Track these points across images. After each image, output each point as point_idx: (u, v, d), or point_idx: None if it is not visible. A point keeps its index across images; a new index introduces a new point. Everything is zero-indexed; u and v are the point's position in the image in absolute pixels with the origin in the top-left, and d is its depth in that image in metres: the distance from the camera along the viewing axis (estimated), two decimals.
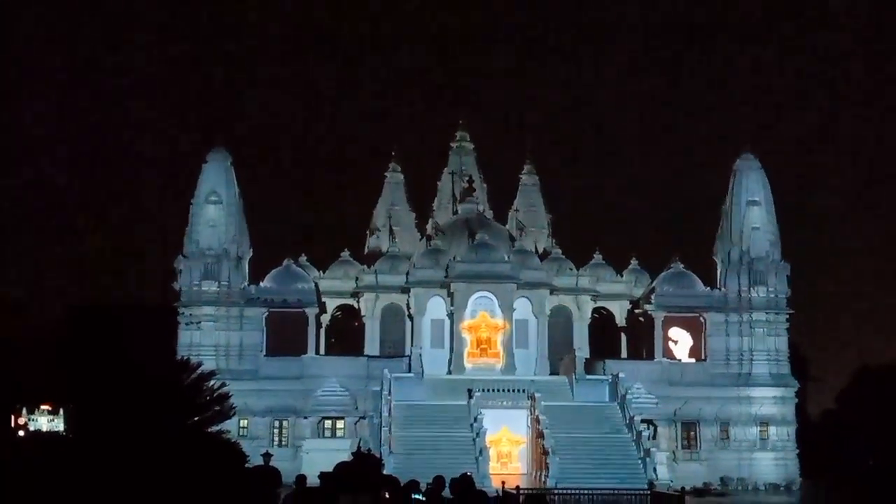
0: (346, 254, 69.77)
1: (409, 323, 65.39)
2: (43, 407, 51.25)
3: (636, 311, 67.80)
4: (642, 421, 55.77)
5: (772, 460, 62.66)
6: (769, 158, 68.89)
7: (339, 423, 60.93)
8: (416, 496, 21.04)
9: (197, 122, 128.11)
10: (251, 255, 65.24)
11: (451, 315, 64.18)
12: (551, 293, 65.94)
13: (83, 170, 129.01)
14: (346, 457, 34.39)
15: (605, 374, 60.32)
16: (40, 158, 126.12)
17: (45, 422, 52.10)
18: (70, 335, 62.79)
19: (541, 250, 71.46)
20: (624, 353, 68.20)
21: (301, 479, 19.52)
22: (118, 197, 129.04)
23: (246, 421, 59.69)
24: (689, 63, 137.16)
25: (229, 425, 47.97)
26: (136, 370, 36.04)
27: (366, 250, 73.72)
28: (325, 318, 67.25)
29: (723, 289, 65.21)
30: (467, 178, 73.21)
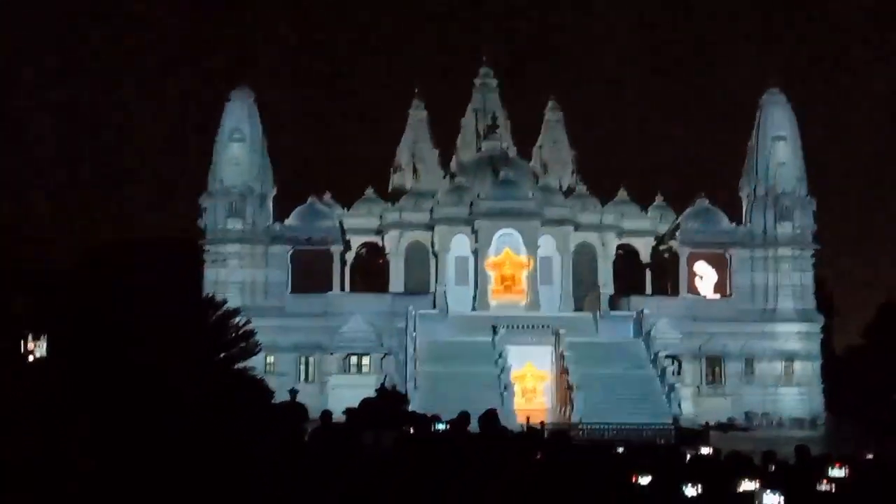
0: (370, 191, 69.63)
1: (433, 260, 65.41)
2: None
3: (661, 247, 67.58)
4: (667, 357, 55.81)
5: (796, 395, 62.67)
6: (796, 93, 68.25)
7: (365, 360, 61.24)
8: (440, 426, 21.14)
9: (221, 59, 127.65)
10: (275, 192, 65.26)
11: (475, 252, 64.15)
12: (575, 230, 65.74)
13: (107, 106, 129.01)
14: (371, 392, 34.60)
15: (629, 311, 60.30)
16: (64, 90, 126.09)
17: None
18: (94, 269, 63.07)
19: (565, 187, 71.16)
20: (648, 290, 68.04)
21: (326, 414, 19.58)
22: (142, 135, 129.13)
23: (272, 357, 60.03)
24: None
25: (256, 362, 48.35)
26: (161, 305, 36.24)
27: (390, 188, 73.62)
28: (350, 256, 67.36)
29: (748, 224, 64.89)
30: (491, 115, 72.76)
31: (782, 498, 13.26)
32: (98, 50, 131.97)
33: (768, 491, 13.37)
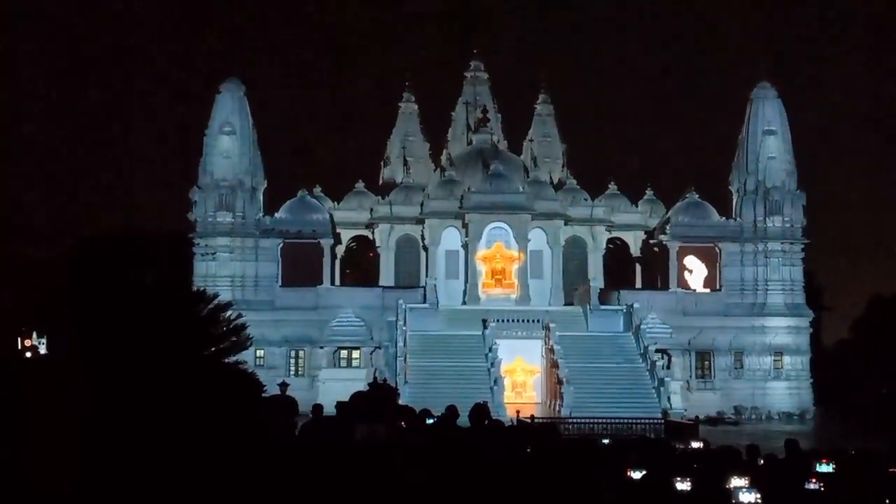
0: (360, 185, 69.62)
1: (423, 254, 65.46)
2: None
3: (651, 241, 67.68)
4: (656, 351, 55.91)
5: (785, 389, 62.83)
6: (787, 88, 68.35)
7: (355, 353, 61.27)
8: (431, 420, 21.27)
9: (210, 52, 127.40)
10: (265, 186, 65.17)
11: (465, 246, 64.21)
12: (566, 224, 65.84)
13: (97, 100, 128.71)
14: (361, 386, 34.64)
15: (619, 305, 60.36)
16: (55, 84, 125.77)
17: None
18: (85, 263, 62.96)
19: (555, 180, 71.19)
20: (639, 284, 68.20)
21: (318, 408, 19.65)
22: (132, 128, 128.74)
23: (262, 351, 60.02)
24: None
25: (246, 356, 48.25)
26: (151, 299, 36.17)
27: (380, 181, 73.55)
28: (340, 249, 67.38)
29: (738, 219, 64.95)
30: (481, 109, 72.70)
31: (759, 496, 13.39)
32: (88, 43, 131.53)
33: (744, 489, 13.49)
